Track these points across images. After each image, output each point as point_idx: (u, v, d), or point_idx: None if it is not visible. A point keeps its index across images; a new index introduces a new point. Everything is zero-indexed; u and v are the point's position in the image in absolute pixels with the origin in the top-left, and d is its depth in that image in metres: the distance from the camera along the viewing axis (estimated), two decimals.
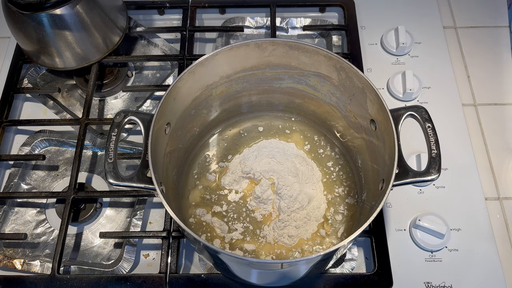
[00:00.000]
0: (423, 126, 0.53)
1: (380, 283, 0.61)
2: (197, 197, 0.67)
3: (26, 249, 0.68)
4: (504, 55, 0.85)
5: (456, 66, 0.83)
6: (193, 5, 0.87)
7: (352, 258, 0.65)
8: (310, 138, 0.72)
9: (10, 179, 0.73)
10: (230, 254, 0.46)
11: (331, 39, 0.85)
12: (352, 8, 0.86)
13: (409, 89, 0.75)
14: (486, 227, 0.67)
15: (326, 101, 0.66)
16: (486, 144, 0.76)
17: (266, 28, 0.88)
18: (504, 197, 0.71)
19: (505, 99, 0.80)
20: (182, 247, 0.66)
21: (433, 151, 0.52)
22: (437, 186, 0.70)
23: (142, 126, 0.54)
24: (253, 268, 0.52)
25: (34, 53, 0.75)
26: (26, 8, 0.68)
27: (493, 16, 0.89)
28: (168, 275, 0.62)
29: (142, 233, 0.66)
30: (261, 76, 0.65)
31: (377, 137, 0.58)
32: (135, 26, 0.85)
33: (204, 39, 0.89)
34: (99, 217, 0.70)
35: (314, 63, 0.60)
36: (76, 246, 0.68)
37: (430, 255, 0.65)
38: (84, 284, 0.61)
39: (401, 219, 0.67)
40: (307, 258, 0.45)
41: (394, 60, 0.82)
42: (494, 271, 0.64)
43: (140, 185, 0.52)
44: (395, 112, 0.54)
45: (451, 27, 0.88)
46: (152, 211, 0.70)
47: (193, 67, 0.57)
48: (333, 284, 0.61)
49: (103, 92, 0.80)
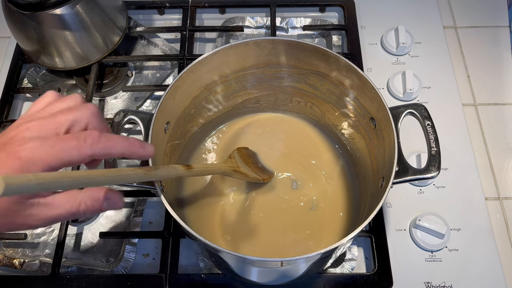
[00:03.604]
0: (423, 124, 0.53)
1: (380, 283, 0.61)
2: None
3: (26, 249, 0.68)
4: (504, 55, 0.85)
5: (456, 66, 0.83)
6: (193, 5, 0.87)
7: (352, 258, 0.65)
8: (309, 137, 0.72)
9: None
10: (230, 253, 0.46)
11: (331, 39, 0.85)
12: (352, 8, 0.86)
13: (409, 89, 0.75)
14: (486, 227, 0.67)
15: (326, 100, 0.66)
16: (486, 144, 0.76)
17: (266, 28, 0.88)
18: (504, 197, 0.71)
19: (505, 99, 0.80)
20: (182, 247, 0.66)
21: (432, 149, 0.52)
22: (437, 186, 0.70)
23: (142, 126, 0.54)
24: (253, 266, 0.52)
25: (34, 53, 0.75)
26: (26, 8, 0.68)
27: (493, 16, 0.89)
28: (168, 275, 0.62)
29: (142, 233, 0.65)
30: (260, 75, 0.65)
31: (377, 135, 0.58)
32: (135, 26, 0.85)
33: (204, 39, 0.89)
34: (99, 217, 0.70)
35: (313, 61, 0.60)
36: (76, 246, 0.68)
37: (430, 255, 0.65)
38: (84, 284, 0.61)
39: (401, 219, 0.67)
40: (306, 256, 0.45)
41: (394, 60, 0.82)
42: (494, 271, 0.64)
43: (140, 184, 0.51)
44: (395, 110, 0.54)
45: (451, 27, 0.88)
46: (152, 211, 0.70)
47: (192, 66, 0.57)
48: (333, 284, 0.61)
49: (103, 92, 0.80)
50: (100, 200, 0.40)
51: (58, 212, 0.38)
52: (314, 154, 0.70)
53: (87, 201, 0.39)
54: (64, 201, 0.39)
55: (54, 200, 0.38)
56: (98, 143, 0.39)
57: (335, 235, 0.64)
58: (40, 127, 0.38)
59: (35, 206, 0.37)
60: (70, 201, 0.39)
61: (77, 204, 0.39)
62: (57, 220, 0.39)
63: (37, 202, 0.38)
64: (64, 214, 0.39)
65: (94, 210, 0.40)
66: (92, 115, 0.41)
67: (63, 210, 0.39)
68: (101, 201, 0.40)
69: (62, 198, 0.39)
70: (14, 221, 0.37)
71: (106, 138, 0.40)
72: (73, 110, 0.41)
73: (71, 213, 0.39)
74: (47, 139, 0.37)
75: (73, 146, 0.38)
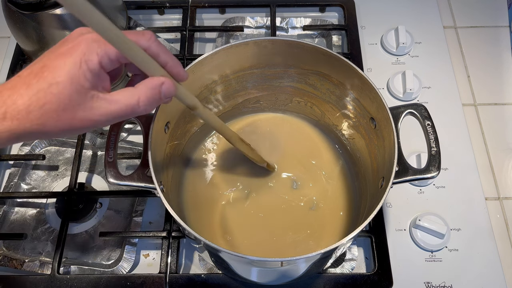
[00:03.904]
0: (423, 124, 0.53)
1: (380, 283, 0.61)
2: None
3: (26, 249, 0.68)
4: (504, 55, 0.85)
5: (456, 66, 0.83)
6: (193, 5, 0.87)
7: (352, 258, 0.65)
8: (309, 137, 0.72)
9: (10, 179, 0.73)
10: (230, 253, 0.46)
11: (331, 39, 0.85)
12: (352, 8, 0.86)
13: (409, 89, 0.75)
14: (486, 227, 0.67)
15: (326, 100, 0.66)
16: (486, 144, 0.76)
17: (266, 28, 0.88)
18: (504, 197, 0.71)
19: (505, 99, 0.80)
20: (182, 247, 0.66)
21: (432, 149, 0.52)
22: (437, 186, 0.70)
23: (142, 126, 0.54)
24: (253, 266, 0.52)
25: (34, 53, 0.75)
26: (26, 8, 0.68)
27: (493, 16, 0.89)
28: (168, 275, 0.62)
29: (142, 233, 0.66)
30: (260, 75, 0.65)
31: (377, 135, 0.58)
32: (135, 26, 0.85)
33: (204, 39, 0.89)
34: (99, 217, 0.70)
35: (313, 61, 0.60)
36: (76, 246, 0.68)
37: (430, 255, 0.65)
38: (84, 284, 0.61)
39: (401, 219, 0.67)
40: (306, 256, 0.45)
41: (394, 60, 0.82)
42: (494, 271, 0.64)
43: (140, 184, 0.52)
44: (395, 110, 0.54)
45: (451, 27, 0.88)
46: (152, 211, 0.70)
47: (192, 66, 0.57)
48: (333, 284, 0.61)
49: None
50: (157, 87, 0.41)
51: (119, 106, 0.39)
52: (314, 154, 0.70)
53: (147, 91, 0.40)
54: (123, 96, 0.40)
55: (113, 95, 0.39)
56: (154, 41, 0.41)
57: (335, 235, 0.64)
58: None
59: (95, 99, 0.38)
60: (129, 95, 0.40)
61: (137, 97, 0.40)
62: (118, 115, 0.40)
63: (97, 95, 0.38)
64: (125, 108, 0.40)
65: (154, 101, 0.41)
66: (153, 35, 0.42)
67: (124, 105, 0.39)
68: (158, 88, 0.41)
69: (121, 93, 0.40)
70: (76, 115, 0.37)
71: (159, 42, 0.42)
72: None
73: (132, 106, 0.40)
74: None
75: (132, 37, 0.39)
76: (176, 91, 0.43)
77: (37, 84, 0.35)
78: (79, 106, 0.37)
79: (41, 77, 0.36)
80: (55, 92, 0.36)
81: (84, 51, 0.37)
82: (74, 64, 0.36)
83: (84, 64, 0.37)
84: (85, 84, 0.37)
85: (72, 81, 0.36)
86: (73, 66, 0.36)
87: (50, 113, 0.36)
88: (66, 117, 0.37)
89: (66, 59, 0.36)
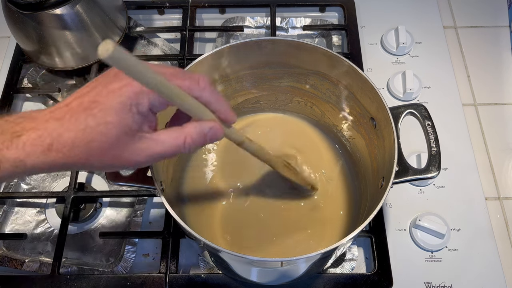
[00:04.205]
0: (423, 124, 0.53)
1: (380, 283, 0.61)
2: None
3: (26, 249, 0.68)
4: (504, 55, 0.85)
5: (456, 66, 0.83)
6: (193, 5, 0.87)
7: (352, 258, 0.65)
8: (309, 137, 0.72)
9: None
10: (230, 253, 0.46)
11: (331, 39, 0.85)
12: (352, 8, 0.86)
13: (409, 89, 0.75)
14: (486, 227, 0.67)
15: (326, 100, 0.66)
16: (486, 144, 0.75)
17: (266, 28, 0.88)
18: (504, 197, 0.71)
19: (505, 99, 0.80)
20: (182, 247, 0.66)
21: (432, 149, 0.52)
22: (437, 186, 0.70)
23: None
24: (253, 266, 0.52)
25: (34, 53, 0.75)
26: (26, 8, 0.68)
27: (493, 16, 0.89)
28: (168, 275, 0.62)
29: (142, 233, 0.65)
30: (260, 75, 0.65)
31: (377, 135, 0.58)
32: (135, 26, 0.85)
33: (204, 39, 0.89)
34: (99, 217, 0.70)
35: (313, 61, 0.60)
36: (76, 246, 0.68)
37: (430, 255, 0.65)
38: (84, 284, 0.61)
39: (401, 219, 0.67)
40: (306, 256, 0.45)
41: (394, 60, 0.82)
42: (494, 271, 0.64)
43: (140, 185, 0.52)
44: (395, 110, 0.54)
45: (451, 27, 0.88)
46: (152, 211, 0.70)
47: (192, 66, 0.57)
48: (333, 284, 0.61)
49: None
50: (204, 132, 0.41)
51: (164, 148, 0.39)
52: (314, 154, 0.70)
53: (193, 135, 0.40)
54: (169, 137, 0.40)
55: (160, 135, 0.39)
56: (208, 89, 0.40)
57: (335, 235, 0.64)
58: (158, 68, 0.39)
59: (142, 140, 0.38)
60: (175, 136, 0.40)
61: (183, 138, 0.40)
62: (163, 155, 0.40)
63: (145, 136, 0.38)
64: (170, 150, 0.39)
65: (199, 143, 0.41)
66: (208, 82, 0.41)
67: (169, 146, 0.39)
68: (205, 132, 0.41)
69: (167, 133, 0.40)
70: (122, 154, 0.37)
71: (213, 89, 0.41)
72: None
73: (177, 147, 0.40)
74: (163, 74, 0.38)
75: (186, 84, 0.39)
76: (223, 134, 0.43)
77: (86, 120, 0.35)
78: (125, 146, 0.37)
79: (90, 114, 0.35)
80: (104, 131, 0.36)
81: (136, 92, 0.36)
82: (125, 106, 0.36)
83: (134, 107, 0.36)
84: (133, 126, 0.37)
85: (121, 122, 0.36)
86: (123, 107, 0.36)
87: (95, 149, 0.36)
88: (111, 154, 0.37)
89: (117, 98, 0.36)
